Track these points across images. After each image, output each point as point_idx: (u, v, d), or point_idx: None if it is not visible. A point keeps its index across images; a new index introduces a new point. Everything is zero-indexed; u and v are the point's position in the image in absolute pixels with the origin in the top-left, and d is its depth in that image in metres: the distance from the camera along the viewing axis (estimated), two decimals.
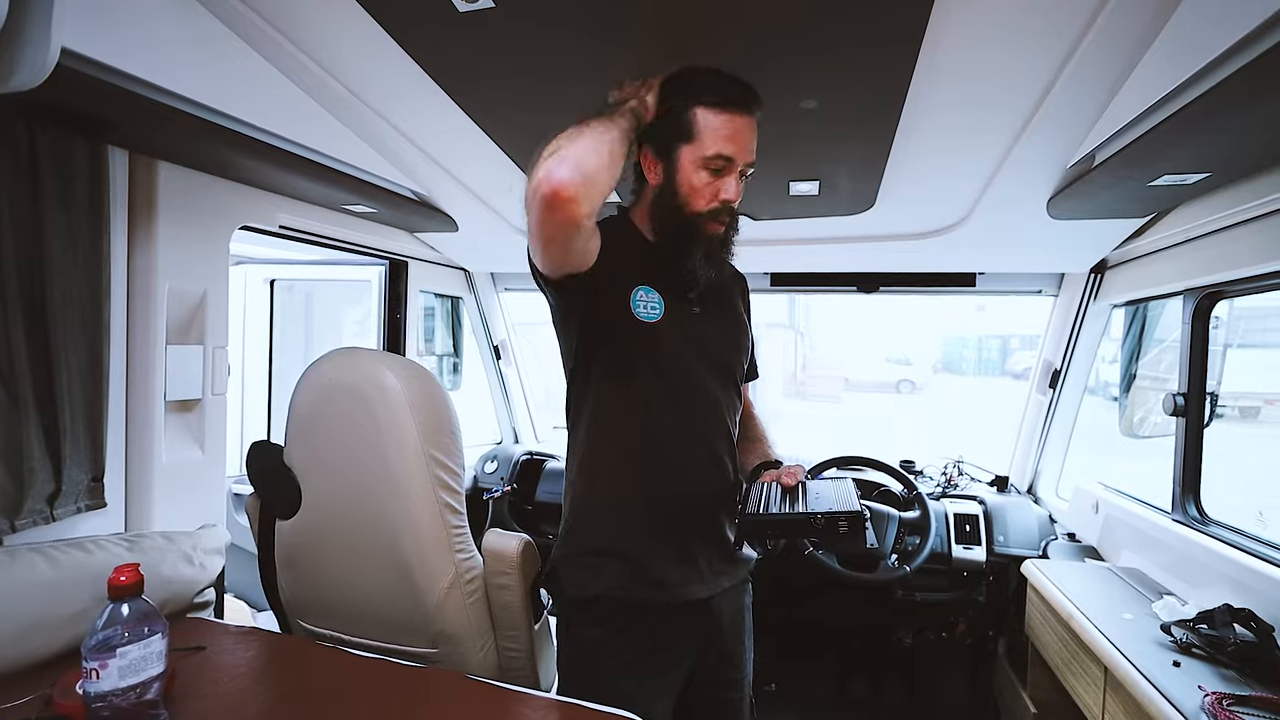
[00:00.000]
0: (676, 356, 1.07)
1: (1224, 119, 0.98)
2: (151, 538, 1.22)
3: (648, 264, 1.07)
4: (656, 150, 1.04)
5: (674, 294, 1.08)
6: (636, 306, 1.04)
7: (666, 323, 1.05)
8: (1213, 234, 1.41)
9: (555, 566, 1.11)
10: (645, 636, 1.04)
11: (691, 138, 1.00)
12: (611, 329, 1.04)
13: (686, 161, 1.01)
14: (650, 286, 1.06)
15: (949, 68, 1.09)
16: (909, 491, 2.10)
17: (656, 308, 1.05)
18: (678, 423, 1.07)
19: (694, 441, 1.09)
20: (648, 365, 1.05)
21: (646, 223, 1.10)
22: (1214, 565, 1.41)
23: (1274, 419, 6.69)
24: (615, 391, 1.06)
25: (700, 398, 1.10)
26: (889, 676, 2.36)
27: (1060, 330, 2.13)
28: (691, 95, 1.00)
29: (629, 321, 1.03)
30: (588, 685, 1.02)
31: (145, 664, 0.79)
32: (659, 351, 1.05)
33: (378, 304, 2.35)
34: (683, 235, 1.05)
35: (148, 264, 1.36)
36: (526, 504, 2.63)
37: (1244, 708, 1.03)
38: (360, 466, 1.09)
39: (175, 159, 1.37)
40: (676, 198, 1.03)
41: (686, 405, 1.08)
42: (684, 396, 1.08)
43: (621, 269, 1.03)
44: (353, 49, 1.18)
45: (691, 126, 0.99)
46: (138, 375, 1.36)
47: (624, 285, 1.04)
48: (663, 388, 1.06)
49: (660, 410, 1.06)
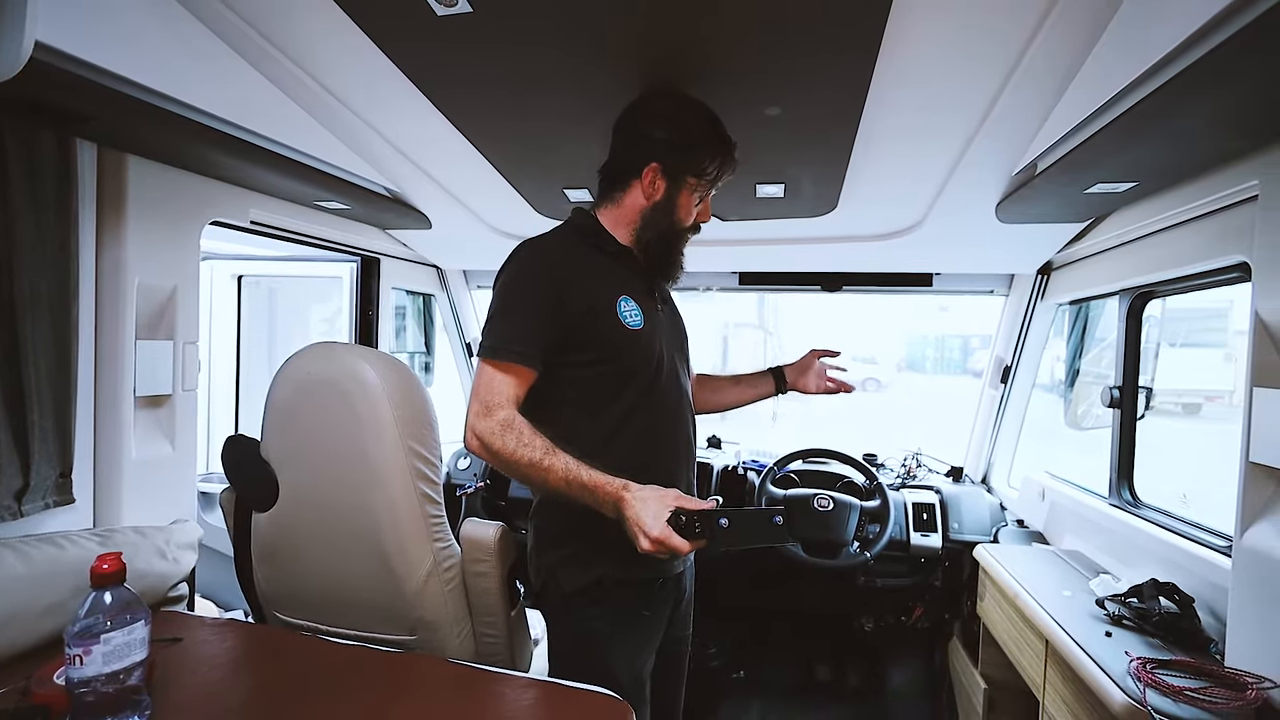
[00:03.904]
0: (659, 356, 1.15)
1: (1145, 134, 1.07)
2: (124, 532, 1.22)
3: (621, 272, 1.16)
4: (668, 173, 1.14)
5: (644, 297, 1.17)
6: (625, 318, 1.11)
7: (648, 326, 1.14)
8: (1143, 238, 1.52)
9: (554, 569, 1.14)
10: (639, 613, 1.14)
11: (700, 174, 1.15)
12: (603, 342, 1.10)
13: (688, 189, 1.16)
14: (628, 295, 1.13)
15: (903, 79, 1.16)
16: (870, 482, 2.20)
17: (638, 315, 1.13)
18: (663, 416, 1.16)
19: (675, 430, 1.19)
20: (637, 367, 1.12)
21: (622, 228, 1.18)
22: (1144, 544, 1.53)
23: (1214, 414, 7.06)
24: (606, 394, 1.11)
25: (677, 390, 1.20)
26: (851, 660, 2.46)
27: (1011, 328, 2.25)
28: (710, 141, 1.14)
29: (619, 331, 1.10)
30: (592, 667, 1.08)
31: (129, 650, 0.80)
32: (647, 354, 1.13)
33: (349, 301, 2.34)
34: (672, 246, 1.19)
35: (117, 259, 1.35)
36: (499, 500, 2.65)
37: (1165, 670, 1.13)
38: (339, 458, 1.11)
39: (145, 153, 1.37)
40: (671, 216, 1.17)
41: (668, 398, 1.17)
42: (667, 391, 1.17)
43: (600, 286, 1.11)
44: (328, 47, 1.20)
45: (701, 165, 1.15)
46: (107, 371, 1.35)
47: (608, 301, 1.10)
48: (650, 386, 1.14)
49: (649, 406, 1.14)
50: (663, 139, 1.12)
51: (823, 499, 2.07)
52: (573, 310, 1.06)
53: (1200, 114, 1.01)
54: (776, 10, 0.97)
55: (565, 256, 1.11)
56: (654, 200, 1.15)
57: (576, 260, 1.12)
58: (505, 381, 1.03)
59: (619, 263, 1.17)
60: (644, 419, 1.13)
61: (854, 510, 2.07)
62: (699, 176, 1.15)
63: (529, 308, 1.06)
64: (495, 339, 1.05)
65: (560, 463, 0.98)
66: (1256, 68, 0.84)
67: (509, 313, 1.06)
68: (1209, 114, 1.00)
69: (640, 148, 1.13)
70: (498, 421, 1.00)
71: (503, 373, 1.03)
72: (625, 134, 1.16)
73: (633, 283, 1.16)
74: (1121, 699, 1.07)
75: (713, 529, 0.94)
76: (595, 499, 0.98)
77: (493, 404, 1.02)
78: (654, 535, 0.92)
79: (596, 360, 1.09)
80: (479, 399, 1.03)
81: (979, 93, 1.20)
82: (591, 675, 1.02)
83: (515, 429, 1.00)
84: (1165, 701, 1.04)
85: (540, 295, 1.06)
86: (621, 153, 1.16)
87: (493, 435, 1.00)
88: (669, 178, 1.14)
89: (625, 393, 1.12)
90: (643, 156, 1.13)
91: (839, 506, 2.07)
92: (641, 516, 0.94)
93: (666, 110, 1.14)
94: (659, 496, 0.96)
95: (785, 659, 2.50)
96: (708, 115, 1.15)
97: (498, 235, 2.16)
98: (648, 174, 1.13)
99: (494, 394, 1.02)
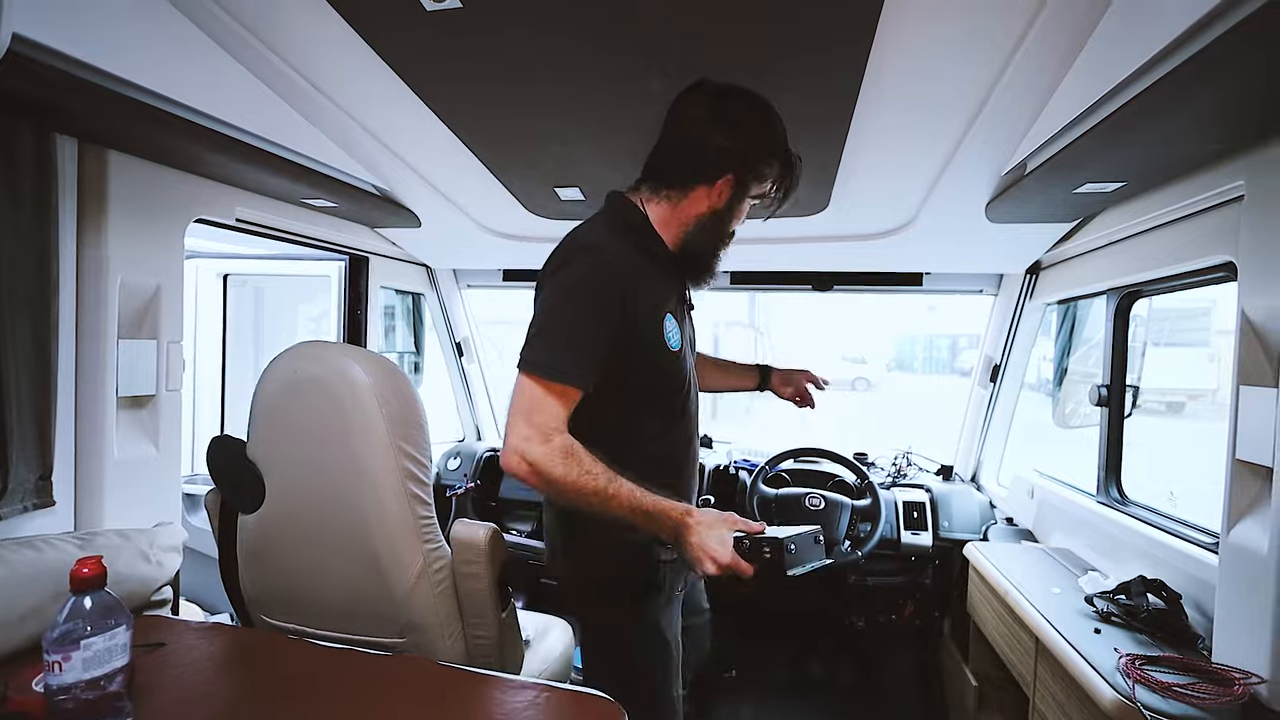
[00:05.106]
0: (689, 377, 1.19)
1: (1134, 134, 1.08)
2: (106, 535, 1.20)
3: (666, 282, 1.14)
4: (738, 183, 1.10)
5: (678, 307, 1.17)
6: (669, 338, 1.11)
7: (683, 345, 1.16)
8: (1131, 238, 1.54)
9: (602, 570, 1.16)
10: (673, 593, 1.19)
11: (764, 187, 1.13)
12: (648, 365, 1.09)
13: (747, 199, 1.13)
14: (670, 313, 1.12)
15: (895, 77, 1.16)
16: (861, 481, 2.20)
17: (677, 333, 1.13)
18: (688, 424, 1.21)
19: (691, 448, 1.23)
20: (672, 392, 1.15)
21: (672, 229, 1.13)
22: (1132, 541, 1.54)
23: (1196, 412, 7.15)
24: (645, 407, 1.13)
25: (696, 397, 1.25)
26: (842, 658, 2.46)
27: (1000, 327, 2.27)
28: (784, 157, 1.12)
29: (663, 353, 1.10)
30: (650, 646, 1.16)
31: (110, 656, 0.79)
32: (681, 378, 1.16)
33: (338, 300, 2.32)
34: (716, 253, 1.18)
35: (98, 257, 1.32)
36: (490, 500, 2.63)
37: (1154, 667, 1.13)
38: (327, 459, 1.10)
39: (128, 149, 1.34)
40: (726, 224, 1.14)
41: (691, 422, 1.22)
42: (692, 414, 1.22)
43: (652, 304, 1.08)
44: (316, 43, 1.18)
45: (769, 180, 1.13)
46: (88, 370, 1.33)
47: (657, 321, 1.09)
48: (682, 410, 1.18)
49: (676, 431, 1.18)
50: (744, 151, 1.07)
51: (814, 498, 2.07)
52: (625, 330, 1.02)
53: (1188, 114, 1.01)
54: (768, 5, 0.97)
55: (624, 268, 1.05)
56: (715, 208, 1.11)
57: (633, 273, 1.06)
58: (558, 404, 0.98)
59: (664, 270, 1.13)
60: (668, 442, 1.17)
61: (845, 509, 2.08)
62: (762, 189, 1.13)
63: (587, 326, 1.00)
64: (549, 357, 0.99)
65: (625, 490, 0.97)
66: (1244, 67, 0.85)
67: (567, 329, 1.00)
68: (1196, 114, 1.01)
69: (716, 155, 1.07)
70: (557, 449, 0.96)
71: (555, 395, 0.98)
72: (695, 133, 1.07)
73: (671, 293, 1.14)
74: (1111, 695, 1.07)
75: (781, 554, 0.94)
76: (656, 525, 0.98)
77: (548, 429, 0.96)
78: (724, 562, 0.95)
79: (638, 381, 1.08)
80: (530, 423, 0.96)
81: (970, 92, 1.20)
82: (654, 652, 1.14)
83: (576, 457, 0.96)
84: (1154, 698, 1.05)
85: (599, 312, 1.00)
86: (689, 153, 1.09)
87: (551, 464, 0.95)
88: (737, 188, 1.10)
89: (655, 413, 1.14)
90: (718, 166, 1.07)
91: (830, 505, 2.07)
92: (707, 543, 0.95)
93: (752, 121, 1.08)
94: (722, 521, 0.98)
95: (777, 658, 2.50)
96: (783, 127, 1.11)
97: (488, 234, 2.15)
98: (721, 184, 1.08)
99: (547, 417, 0.97)
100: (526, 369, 0.99)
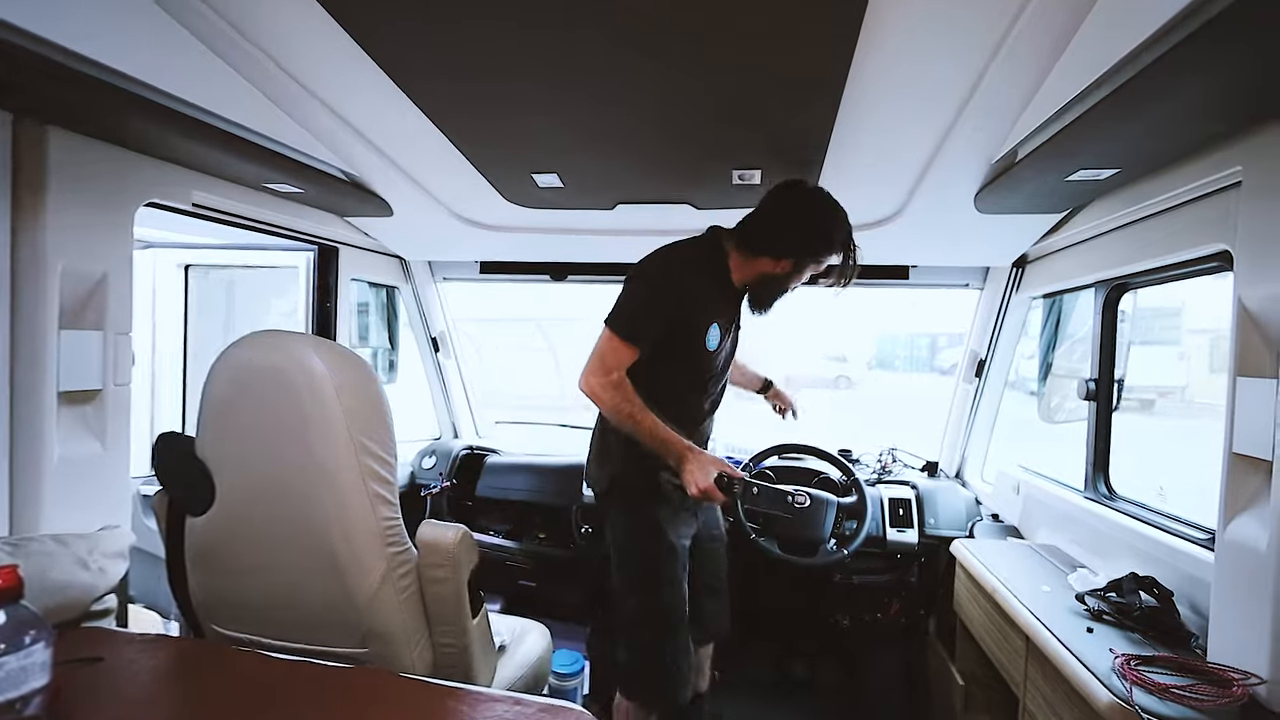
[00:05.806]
0: (719, 367, 1.58)
1: (1129, 118, 1.05)
2: (40, 540, 1.10)
3: (723, 304, 1.53)
4: (797, 265, 1.47)
5: (728, 323, 1.56)
6: (709, 341, 1.49)
7: (719, 348, 1.52)
8: (1120, 229, 1.51)
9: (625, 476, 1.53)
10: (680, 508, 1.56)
11: (819, 266, 1.50)
12: (686, 350, 1.48)
13: (805, 273, 1.50)
14: (717, 324, 1.49)
15: (885, 62, 1.11)
16: (847, 478, 2.16)
17: (716, 338, 1.50)
18: (705, 399, 1.61)
19: (708, 408, 1.63)
20: (703, 369, 1.54)
21: (741, 272, 1.52)
22: (1121, 538, 1.51)
23: (1165, 409, 7.28)
24: (678, 376, 1.52)
25: (721, 389, 1.66)
26: (827, 658, 2.43)
27: (985, 322, 2.24)
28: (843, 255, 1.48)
29: (700, 348, 1.48)
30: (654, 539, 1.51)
31: (24, 676, 0.71)
32: (713, 364, 1.55)
33: (306, 292, 2.22)
34: (775, 299, 1.56)
35: (35, 241, 1.22)
36: (466, 500, 2.55)
37: (1149, 667, 1.10)
38: (282, 456, 1.02)
39: (69, 125, 1.25)
40: (784, 286, 1.53)
41: (712, 388, 1.61)
42: (712, 384, 1.61)
43: (705, 314, 1.47)
44: (280, 19, 1.11)
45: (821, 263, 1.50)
46: (23, 363, 1.23)
47: (703, 326, 1.47)
48: (706, 382, 1.58)
49: (700, 392, 1.58)
50: (809, 247, 1.44)
51: (800, 496, 2.03)
52: (676, 324, 1.44)
53: (1183, 98, 0.98)
54: None
55: (693, 279, 1.45)
56: (775, 275, 1.49)
57: (699, 287, 1.46)
58: (624, 354, 1.41)
59: (725, 295, 1.53)
60: (689, 405, 1.57)
61: (830, 507, 2.03)
62: (819, 269, 1.50)
63: (655, 309, 1.43)
64: (630, 323, 1.41)
65: (649, 419, 1.39)
66: (1241, 50, 0.82)
67: (644, 307, 1.43)
68: (1193, 97, 0.98)
69: (786, 241, 1.44)
70: (611, 381, 1.40)
71: (625, 347, 1.40)
72: (781, 217, 1.45)
73: (725, 311, 1.54)
74: (1107, 697, 1.04)
75: (746, 491, 1.37)
76: (666, 450, 1.40)
77: (610, 367, 1.40)
78: (702, 487, 1.37)
79: (678, 358, 1.48)
80: (604, 363, 1.41)
81: (961, 77, 1.16)
82: (654, 542, 1.50)
83: (623, 390, 1.40)
84: (1151, 699, 1.01)
85: (659, 302, 1.43)
86: (770, 228, 1.45)
87: (605, 389, 1.40)
88: (795, 268, 1.47)
89: (685, 384, 1.54)
90: (784, 250, 1.45)
91: (815, 503, 2.02)
92: (696, 472, 1.38)
93: (825, 228, 1.44)
94: (712, 461, 1.40)
95: (762, 658, 2.46)
96: (848, 226, 1.46)
97: (464, 224, 2.07)
98: (784, 262, 1.46)
99: (615, 361, 1.40)
100: (609, 324, 1.42)
